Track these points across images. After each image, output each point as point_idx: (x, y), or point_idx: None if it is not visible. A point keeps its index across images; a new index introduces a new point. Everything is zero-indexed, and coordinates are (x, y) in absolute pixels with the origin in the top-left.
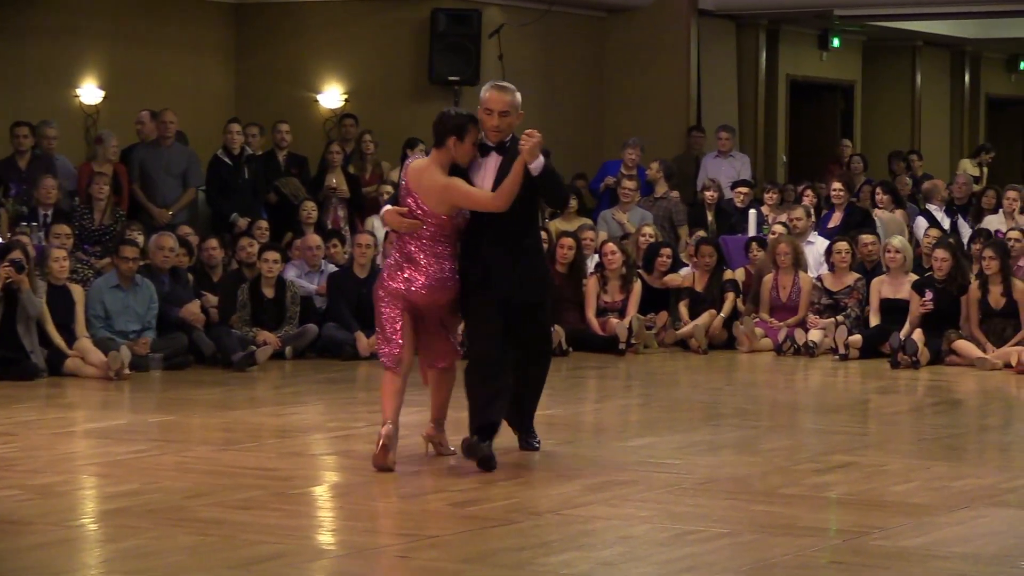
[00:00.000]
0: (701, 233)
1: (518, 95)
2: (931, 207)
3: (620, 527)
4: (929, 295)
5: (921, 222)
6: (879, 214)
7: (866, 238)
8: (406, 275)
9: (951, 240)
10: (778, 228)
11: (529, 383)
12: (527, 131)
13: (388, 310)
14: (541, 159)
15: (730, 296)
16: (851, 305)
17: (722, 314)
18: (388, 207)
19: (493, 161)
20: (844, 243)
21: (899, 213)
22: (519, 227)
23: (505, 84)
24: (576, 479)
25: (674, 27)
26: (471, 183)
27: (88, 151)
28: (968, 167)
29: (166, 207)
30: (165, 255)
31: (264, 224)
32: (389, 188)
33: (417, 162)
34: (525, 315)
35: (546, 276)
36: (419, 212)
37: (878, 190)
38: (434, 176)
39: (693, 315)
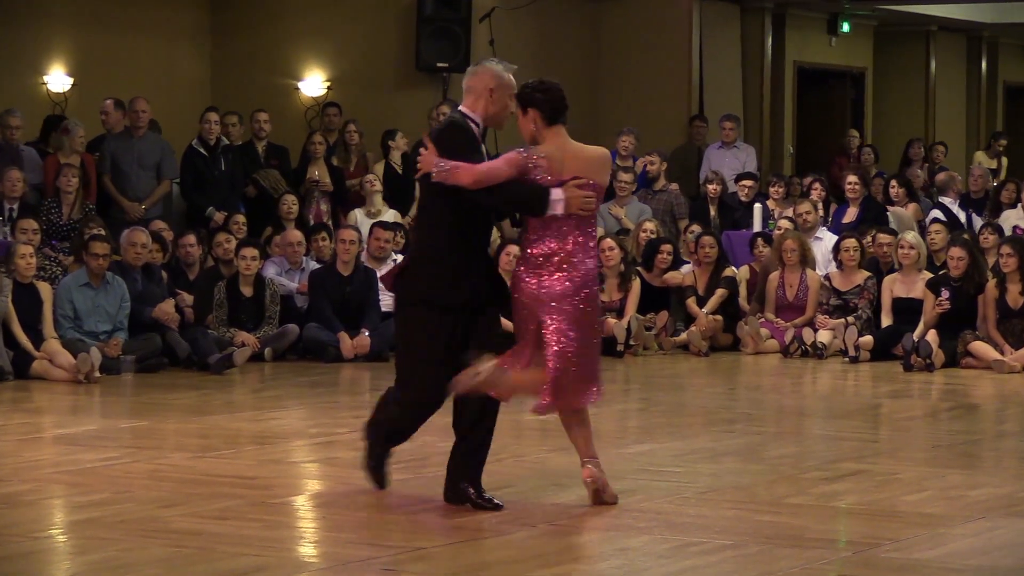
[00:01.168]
0: (696, 228)
1: None
2: (945, 200)
3: (618, 538)
4: (946, 294)
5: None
6: (893, 209)
7: (883, 237)
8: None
9: (966, 236)
10: (784, 223)
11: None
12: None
13: None
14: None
15: (720, 292)
16: (861, 305)
17: (705, 309)
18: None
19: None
20: (851, 240)
21: (912, 207)
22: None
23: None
24: (571, 488)
25: (674, 10)
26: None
27: (61, 141)
28: (983, 159)
29: (139, 201)
30: (137, 252)
31: (241, 219)
32: (373, 179)
33: (546, 148)
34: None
35: None
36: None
37: (892, 183)
38: (582, 145)
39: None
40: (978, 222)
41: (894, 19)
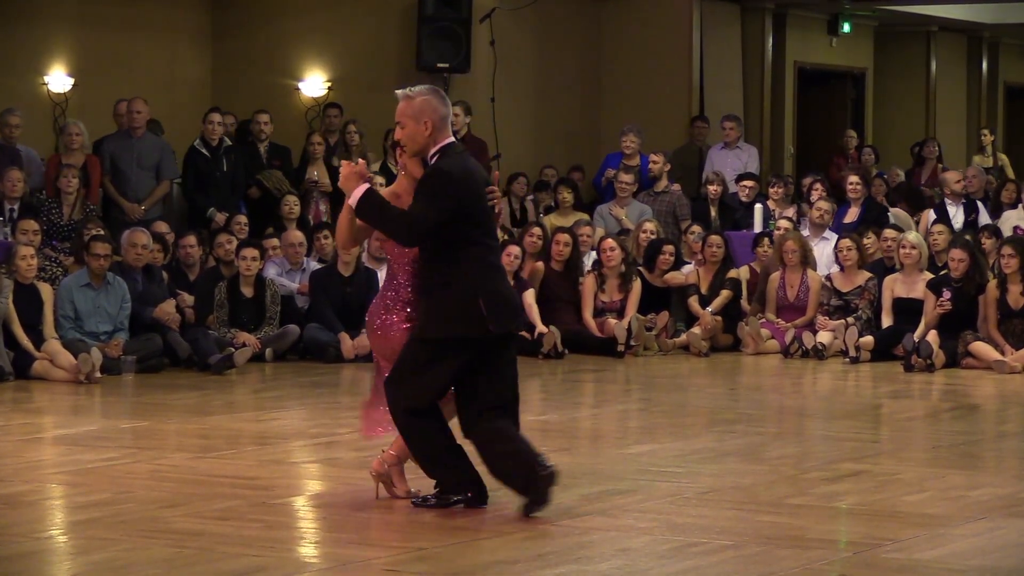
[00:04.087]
0: (697, 228)
1: (416, 100)
2: (946, 200)
3: (619, 539)
4: (947, 295)
5: (929, 216)
6: (894, 210)
7: (889, 232)
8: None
9: (967, 237)
10: (783, 223)
11: None
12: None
13: None
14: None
15: (725, 294)
16: (862, 306)
17: (709, 309)
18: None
19: None
20: (847, 240)
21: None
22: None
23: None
24: (572, 488)
25: (675, 11)
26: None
27: (60, 141)
28: (980, 161)
29: (138, 201)
30: (138, 252)
31: (243, 219)
32: (379, 180)
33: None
34: None
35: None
36: None
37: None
38: None
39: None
40: (984, 220)
41: (895, 19)
